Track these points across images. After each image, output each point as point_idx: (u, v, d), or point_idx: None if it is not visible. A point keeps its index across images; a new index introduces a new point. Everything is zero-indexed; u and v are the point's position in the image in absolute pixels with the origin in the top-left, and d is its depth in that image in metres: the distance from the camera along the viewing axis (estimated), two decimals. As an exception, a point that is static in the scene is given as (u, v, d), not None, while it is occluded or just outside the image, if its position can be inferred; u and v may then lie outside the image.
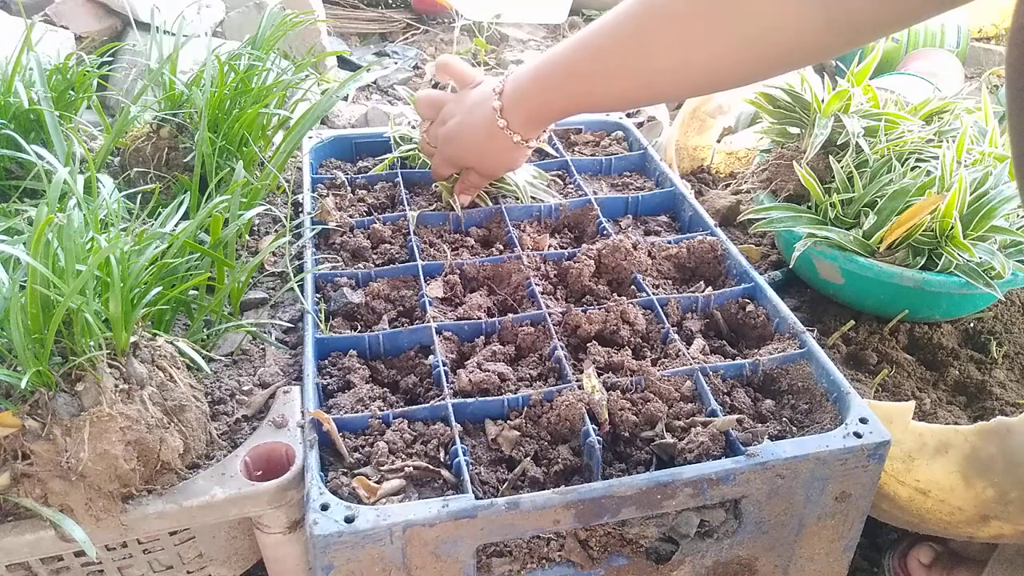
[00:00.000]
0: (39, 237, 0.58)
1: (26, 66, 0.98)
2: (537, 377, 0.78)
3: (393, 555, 0.61)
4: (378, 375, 0.79)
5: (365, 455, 0.68)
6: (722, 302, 0.88)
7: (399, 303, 0.86)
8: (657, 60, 0.73)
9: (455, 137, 0.93)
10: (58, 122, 0.93)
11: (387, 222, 0.98)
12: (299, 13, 1.17)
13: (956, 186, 0.86)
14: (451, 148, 0.95)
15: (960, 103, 1.04)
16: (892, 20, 0.62)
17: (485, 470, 0.68)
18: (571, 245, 0.99)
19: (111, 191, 0.81)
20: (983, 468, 0.71)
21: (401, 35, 2.32)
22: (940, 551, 0.89)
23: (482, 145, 0.91)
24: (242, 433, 0.72)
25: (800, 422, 0.75)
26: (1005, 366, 0.96)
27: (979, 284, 0.85)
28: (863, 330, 0.96)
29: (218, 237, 0.82)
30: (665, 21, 0.71)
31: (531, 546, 0.68)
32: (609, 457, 0.70)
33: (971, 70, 2.19)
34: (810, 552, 0.74)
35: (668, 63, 0.72)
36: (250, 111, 1.00)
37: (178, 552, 0.70)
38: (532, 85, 0.85)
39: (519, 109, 0.86)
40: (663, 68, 0.73)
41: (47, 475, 0.60)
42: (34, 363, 0.58)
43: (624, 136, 1.23)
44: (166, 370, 0.67)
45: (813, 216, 0.96)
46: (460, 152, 0.95)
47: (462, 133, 0.92)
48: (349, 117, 1.67)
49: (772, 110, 1.05)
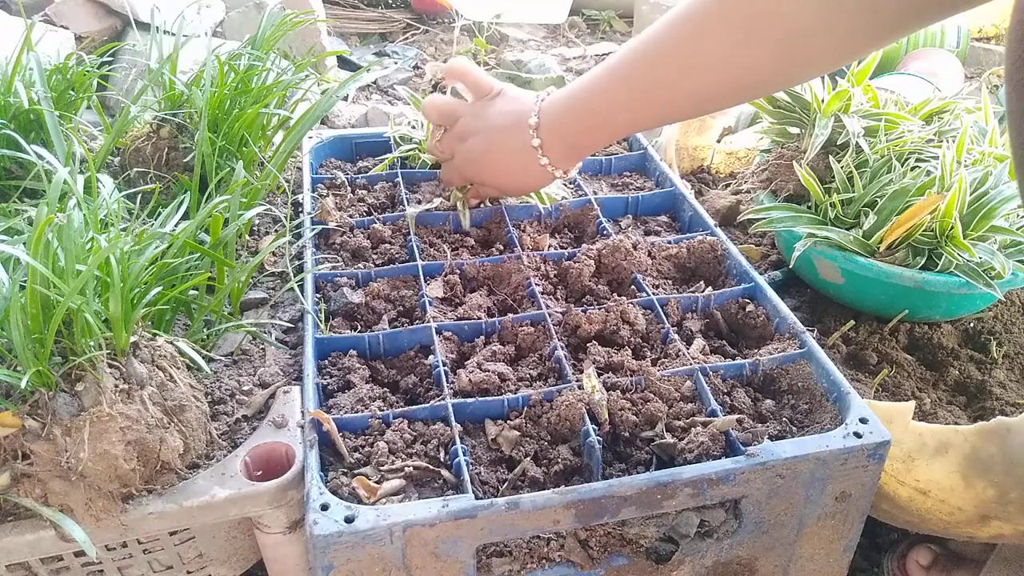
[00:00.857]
0: (39, 237, 0.58)
1: (26, 66, 0.98)
2: (537, 377, 0.78)
3: (393, 555, 0.61)
4: (378, 375, 0.79)
5: (365, 455, 0.68)
6: (722, 302, 0.88)
7: (399, 303, 0.86)
8: (700, 78, 0.73)
9: (481, 160, 0.90)
10: (58, 122, 0.93)
11: (387, 222, 0.98)
12: (299, 13, 1.17)
13: (956, 186, 0.86)
14: (473, 169, 0.92)
15: (960, 103, 1.04)
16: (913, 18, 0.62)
17: (485, 470, 0.68)
18: (571, 245, 0.99)
19: (111, 191, 0.81)
20: (983, 468, 0.71)
21: (401, 35, 2.32)
22: (939, 552, 0.89)
23: (515, 176, 0.89)
24: (242, 433, 0.72)
25: (800, 422, 0.75)
26: (1005, 366, 0.96)
27: (979, 284, 0.85)
28: (863, 330, 0.96)
29: (218, 237, 0.82)
30: (703, 37, 0.71)
31: (531, 546, 0.68)
32: (609, 457, 0.70)
33: (971, 70, 2.19)
34: (810, 552, 0.74)
35: (712, 78, 0.72)
36: (250, 111, 1.00)
37: (178, 552, 0.70)
38: (571, 120, 0.83)
39: (559, 144, 0.84)
40: (708, 84, 0.73)
41: (47, 475, 0.60)
42: (34, 363, 0.58)
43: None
44: (166, 370, 0.67)
45: (813, 216, 0.96)
46: (484, 175, 0.92)
47: (491, 159, 0.89)
48: (349, 117, 1.67)
49: (772, 110, 1.05)
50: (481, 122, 0.89)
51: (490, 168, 0.91)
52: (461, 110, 0.92)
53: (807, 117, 1.01)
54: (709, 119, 1.36)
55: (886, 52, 2.04)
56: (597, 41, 2.43)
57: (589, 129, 0.83)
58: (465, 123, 0.91)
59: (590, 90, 0.80)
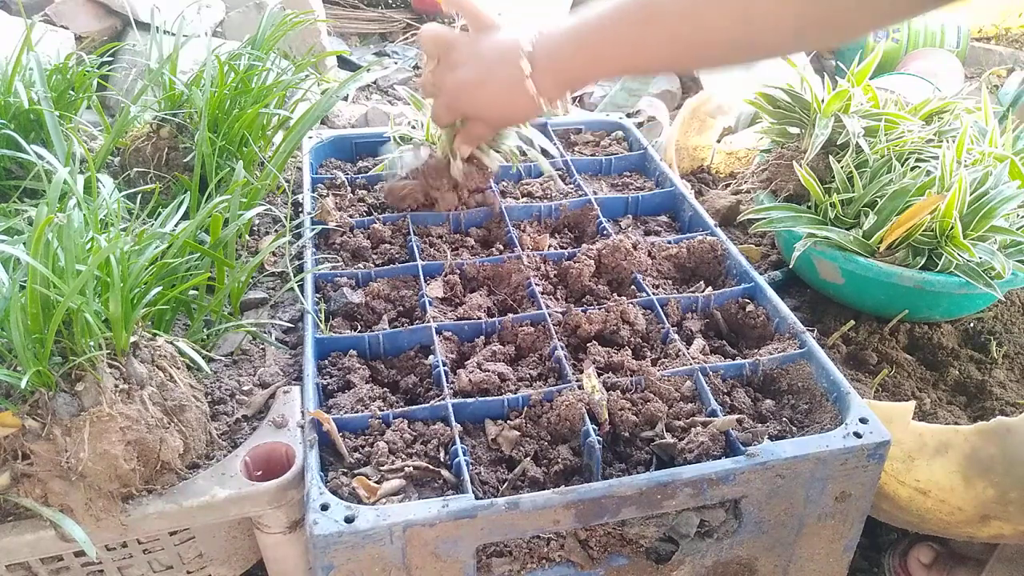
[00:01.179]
0: (39, 237, 0.58)
1: (26, 66, 0.98)
2: (537, 377, 0.78)
3: (393, 555, 0.61)
4: (378, 375, 0.79)
5: (365, 455, 0.68)
6: (722, 302, 0.88)
7: (399, 303, 0.86)
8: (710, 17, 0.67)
9: (469, 91, 0.87)
10: (58, 122, 0.93)
11: (387, 222, 0.98)
12: (299, 13, 1.17)
13: (956, 186, 0.86)
14: (461, 100, 0.89)
15: (960, 103, 1.04)
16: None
17: (485, 470, 0.68)
18: (571, 245, 0.99)
19: (111, 191, 0.80)
20: (983, 468, 0.71)
21: (401, 35, 2.32)
22: (940, 551, 0.89)
23: (501, 105, 0.86)
24: (242, 433, 0.72)
25: (800, 422, 0.75)
26: (1005, 366, 0.96)
27: (979, 284, 0.85)
28: (863, 330, 0.96)
29: (218, 237, 0.82)
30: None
31: (531, 546, 0.68)
32: (609, 457, 0.70)
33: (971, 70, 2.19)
34: (810, 552, 0.74)
35: (723, 22, 0.66)
36: (250, 111, 1.00)
37: (178, 552, 0.70)
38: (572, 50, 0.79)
39: (552, 73, 0.81)
40: (717, 27, 0.67)
41: (47, 475, 0.60)
42: (34, 363, 0.58)
43: (624, 136, 1.23)
44: (166, 370, 0.67)
45: (813, 216, 0.96)
46: (471, 106, 0.89)
47: (479, 89, 0.86)
48: (349, 117, 1.67)
49: (772, 110, 1.05)
50: (474, 51, 0.86)
51: (479, 97, 0.88)
52: (456, 41, 0.90)
53: (807, 117, 1.01)
54: (709, 119, 1.36)
55: (886, 52, 2.05)
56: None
57: (585, 62, 0.80)
58: (458, 53, 0.89)
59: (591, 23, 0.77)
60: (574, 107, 1.89)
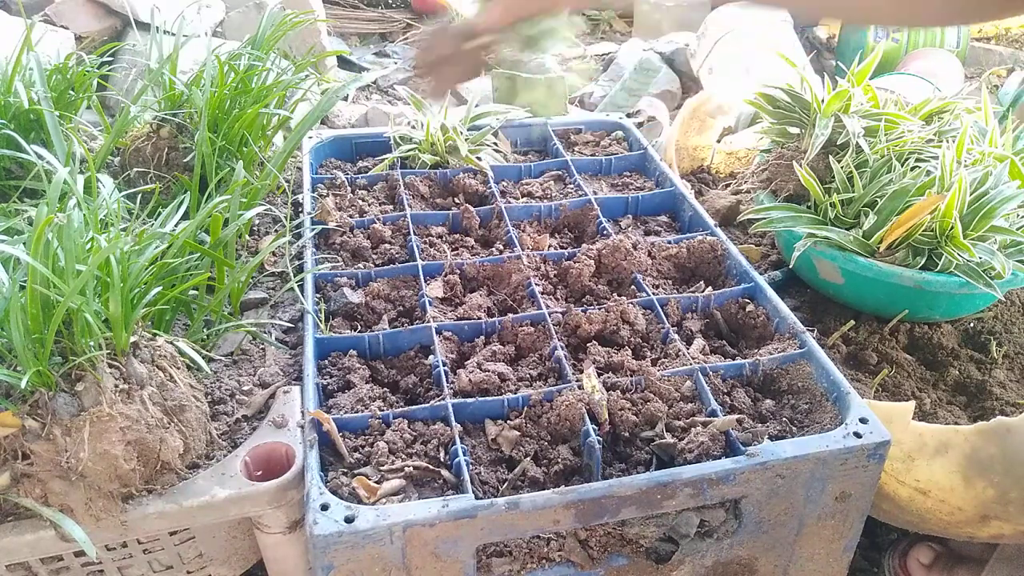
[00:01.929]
0: (39, 237, 0.58)
1: (26, 66, 0.98)
2: (537, 377, 0.78)
3: (393, 555, 0.61)
4: (378, 375, 0.79)
5: (365, 455, 0.68)
6: (722, 302, 0.88)
7: (399, 303, 0.86)
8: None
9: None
10: (58, 122, 0.93)
11: (387, 222, 0.98)
12: (299, 13, 1.17)
13: (956, 186, 0.86)
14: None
15: (960, 103, 1.04)
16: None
17: (485, 470, 0.68)
18: (571, 245, 0.99)
19: (111, 191, 0.80)
20: (983, 468, 0.71)
21: (401, 35, 2.32)
22: (940, 551, 0.89)
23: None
24: (242, 433, 0.72)
25: (800, 422, 0.75)
26: (1005, 366, 0.96)
27: (979, 284, 0.85)
28: (863, 330, 0.96)
29: (218, 237, 0.82)
30: None
31: (531, 546, 0.68)
32: (609, 457, 0.70)
33: (971, 70, 2.19)
34: (810, 552, 0.74)
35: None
36: (250, 111, 1.00)
37: (178, 552, 0.70)
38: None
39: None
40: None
41: (47, 475, 0.60)
42: (34, 363, 0.58)
43: (624, 136, 1.23)
44: (166, 370, 0.67)
45: (813, 216, 0.96)
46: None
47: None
48: (349, 117, 1.67)
49: (772, 110, 1.05)
50: None
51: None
52: None
53: (807, 117, 1.01)
54: (709, 119, 1.36)
55: (886, 52, 2.05)
56: (597, 41, 2.43)
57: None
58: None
59: None
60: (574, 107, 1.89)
